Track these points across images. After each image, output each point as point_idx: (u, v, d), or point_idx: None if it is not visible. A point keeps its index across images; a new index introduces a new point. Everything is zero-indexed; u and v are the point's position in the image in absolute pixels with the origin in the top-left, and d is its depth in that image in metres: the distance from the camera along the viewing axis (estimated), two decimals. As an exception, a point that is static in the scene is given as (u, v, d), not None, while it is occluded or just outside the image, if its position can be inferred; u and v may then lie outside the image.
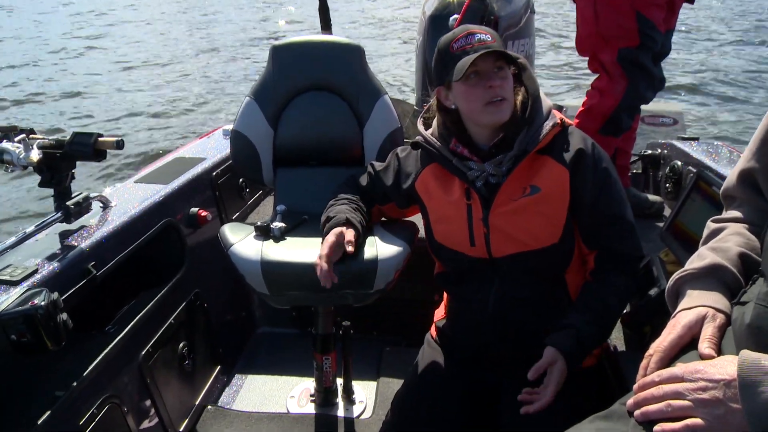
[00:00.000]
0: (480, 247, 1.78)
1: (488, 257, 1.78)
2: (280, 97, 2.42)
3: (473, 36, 1.68)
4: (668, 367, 1.10)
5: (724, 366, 0.98)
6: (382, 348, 2.84)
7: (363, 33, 16.02)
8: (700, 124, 8.30)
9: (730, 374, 0.95)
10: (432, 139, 1.83)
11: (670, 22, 2.77)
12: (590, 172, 1.72)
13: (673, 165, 3.01)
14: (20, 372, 1.66)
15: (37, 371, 1.72)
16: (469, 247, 1.79)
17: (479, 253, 1.79)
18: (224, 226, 2.16)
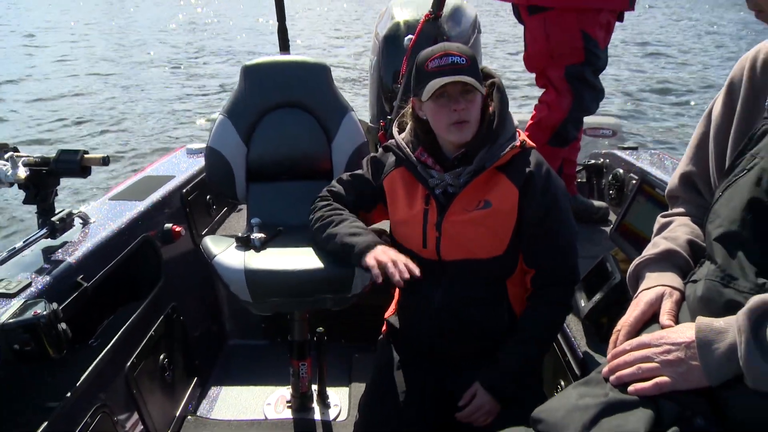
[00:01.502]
0: (431, 249, 1.90)
1: (438, 259, 1.90)
2: (252, 114, 2.52)
3: (448, 57, 1.78)
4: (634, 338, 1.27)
5: (684, 331, 1.15)
6: (351, 354, 2.95)
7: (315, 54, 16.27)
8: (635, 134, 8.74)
9: (689, 337, 1.12)
10: (402, 145, 1.94)
11: (607, 38, 3.00)
12: (538, 196, 1.84)
13: (616, 173, 3.22)
14: (13, 384, 1.70)
15: (28, 383, 1.76)
16: (422, 248, 1.91)
17: (430, 255, 1.91)
18: (206, 238, 2.25)
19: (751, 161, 1.20)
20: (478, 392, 1.86)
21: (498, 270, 1.91)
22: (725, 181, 1.26)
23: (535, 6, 2.86)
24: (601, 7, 2.80)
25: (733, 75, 1.37)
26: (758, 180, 1.16)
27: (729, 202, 1.22)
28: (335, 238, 1.93)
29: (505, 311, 1.94)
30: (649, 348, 1.18)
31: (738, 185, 1.21)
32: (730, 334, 1.07)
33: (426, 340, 1.99)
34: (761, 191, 1.15)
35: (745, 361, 1.03)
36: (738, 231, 1.18)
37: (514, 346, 1.88)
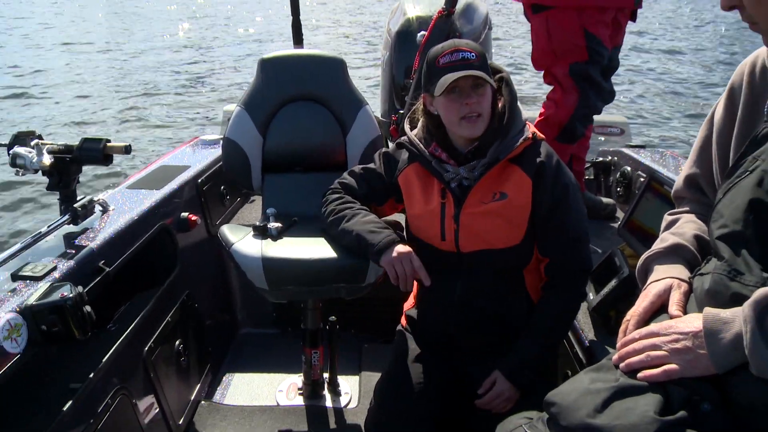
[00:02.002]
0: (450, 242, 1.95)
1: (456, 251, 1.95)
2: (269, 106, 2.57)
3: (458, 53, 1.83)
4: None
5: (691, 321, 1.20)
6: (361, 345, 3.00)
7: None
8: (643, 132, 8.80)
9: (696, 327, 1.17)
10: (415, 141, 1.99)
11: (617, 39, 3.03)
12: (550, 186, 1.90)
13: (624, 170, 3.26)
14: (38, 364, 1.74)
15: (52, 364, 1.81)
16: (440, 241, 1.96)
17: (449, 247, 1.96)
18: (222, 227, 2.30)
19: (752, 163, 1.26)
20: (498, 380, 1.93)
21: (515, 260, 1.97)
22: (728, 182, 1.31)
23: (537, 5, 2.90)
24: (605, 6, 2.83)
25: (733, 80, 1.42)
26: (760, 181, 1.22)
27: (732, 202, 1.27)
28: (351, 234, 1.98)
29: (524, 301, 2.01)
30: (657, 337, 1.23)
31: (740, 186, 1.26)
32: (736, 324, 1.12)
33: (446, 332, 2.05)
34: (762, 192, 1.20)
35: (750, 349, 1.08)
36: (741, 230, 1.23)
37: (531, 334, 1.95)
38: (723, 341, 1.13)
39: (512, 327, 2.00)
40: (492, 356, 1.99)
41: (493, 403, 1.92)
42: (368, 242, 1.93)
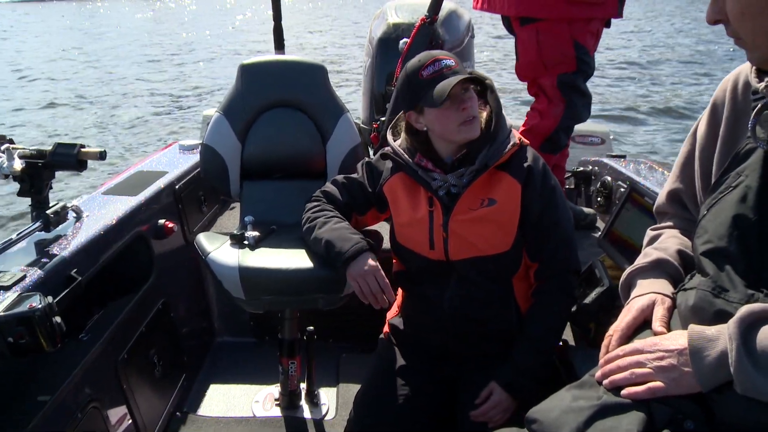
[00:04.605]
0: (439, 250, 1.93)
1: (446, 260, 1.94)
2: (248, 112, 2.53)
3: (439, 62, 1.82)
4: (626, 344, 1.30)
5: (676, 338, 1.18)
6: (339, 354, 2.97)
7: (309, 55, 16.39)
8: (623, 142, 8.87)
9: (681, 344, 1.15)
10: (400, 151, 1.97)
11: (596, 46, 3.05)
12: (538, 189, 1.90)
13: (604, 180, 3.26)
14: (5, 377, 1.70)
15: (20, 376, 1.76)
16: (429, 250, 1.94)
17: (438, 256, 1.94)
18: (199, 235, 2.26)
19: (736, 179, 1.25)
20: (495, 390, 1.90)
21: (505, 266, 1.96)
22: (711, 198, 1.30)
23: (526, 17, 2.89)
24: (592, 17, 2.84)
25: (716, 96, 1.41)
26: (743, 197, 1.21)
27: (716, 218, 1.26)
28: (321, 241, 1.96)
29: (513, 311, 1.99)
30: (642, 354, 1.21)
31: (724, 202, 1.25)
32: (721, 341, 1.10)
33: (434, 342, 2.03)
34: (746, 208, 1.20)
35: (735, 368, 1.06)
36: (725, 246, 1.22)
37: (526, 342, 1.93)
38: (708, 359, 1.11)
39: (501, 336, 1.98)
40: (482, 366, 1.97)
41: (489, 414, 1.88)
42: (336, 250, 1.91)
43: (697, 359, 1.12)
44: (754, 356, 1.05)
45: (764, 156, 1.21)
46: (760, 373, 1.04)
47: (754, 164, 1.22)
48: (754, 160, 1.23)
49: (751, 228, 1.19)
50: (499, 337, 1.99)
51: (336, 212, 2.07)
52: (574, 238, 1.98)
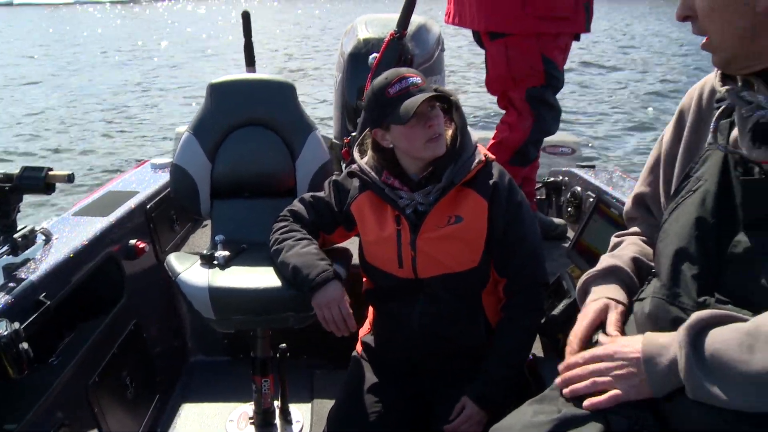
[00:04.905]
0: (407, 268, 1.95)
1: (414, 277, 1.96)
2: (218, 132, 2.54)
3: (406, 80, 1.85)
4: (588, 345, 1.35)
5: (635, 345, 1.21)
6: (313, 371, 2.97)
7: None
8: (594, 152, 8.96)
9: (638, 351, 1.18)
10: (367, 169, 1.99)
11: (565, 60, 3.10)
12: (504, 204, 1.93)
13: (574, 190, 3.30)
14: None
15: None
16: (398, 268, 1.97)
17: (406, 274, 1.96)
18: (170, 255, 2.26)
19: (696, 183, 1.28)
20: (467, 404, 1.91)
21: (473, 282, 1.98)
22: (674, 201, 1.33)
23: (495, 32, 2.93)
24: (560, 32, 2.89)
25: (682, 104, 1.45)
26: (702, 201, 1.24)
27: (677, 221, 1.29)
28: (289, 267, 1.98)
29: (482, 326, 2.01)
30: (602, 362, 1.24)
31: (685, 205, 1.28)
32: (673, 348, 1.13)
33: (405, 359, 2.05)
34: (705, 211, 1.23)
35: (685, 373, 1.09)
36: (686, 248, 1.25)
37: (496, 356, 1.95)
38: (660, 366, 1.14)
39: (472, 351, 2.00)
40: (453, 382, 1.99)
41: (462, 428, 1.90)
42: (303, 277, 1.93)
43: (650, 366, 1.15)
44: (702, 362, 1.08)
45: (723, 160, 1.24)
46: (709, 378, 1.06)
47: (713, 168, 1.25)
48: (713, 164, 1.26)
49: (709, 231, 1.22)
50: (469, 353, 2.01)
51: (304, 232, 2.08)
52: (542, 252, 2.01)
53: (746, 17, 1.14)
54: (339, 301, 1.90)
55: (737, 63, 1.22)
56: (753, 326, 1.06)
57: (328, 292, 1.91)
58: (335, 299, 1.90)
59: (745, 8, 1.14)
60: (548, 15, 2.83)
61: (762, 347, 1.03)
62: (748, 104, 1.20)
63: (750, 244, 1.16)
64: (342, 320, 1.91)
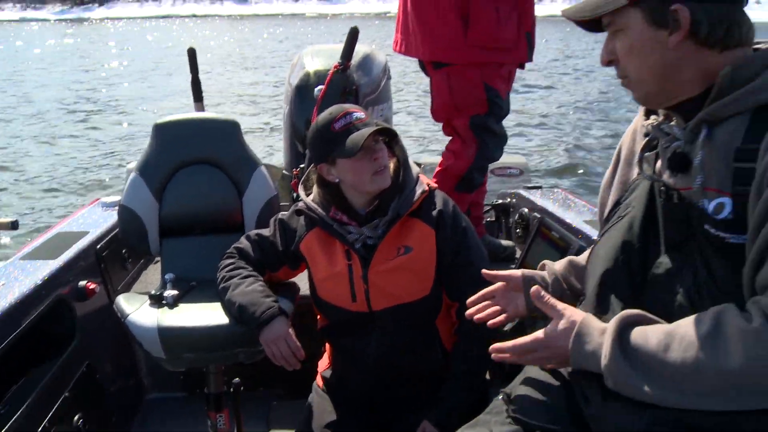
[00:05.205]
0: (361, 302, 1.99)
1: (368, 310, 2.00)
2: (164, 171, 2.56)
3: (350, 115, 1.90)
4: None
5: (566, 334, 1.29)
6: (270, 402, 2.99)
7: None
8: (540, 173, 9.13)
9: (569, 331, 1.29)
10: (314, 206, 2.03)
11: (508, 86, 3.18)
12: (450, 232, 1.99)
13: (521, 212, 3.37)
14: None
15: None
16: (351, 303, 2.00)
17: (360, 308, 2.00)
18: (119, 297, 2.27)
19: (625, 210, 1.39)
20: (427, 429, 1.95)
21: (426, 310, 2.02)
22: (605, 227, 1.44)
23: (439, 62, 3.01)
24: (502, 62, 2.97)
25: (621, 140, 1.55)
26: (630, 226, 1.35)
27: (605, 244, 1.39)
28: (235, 305, 2.01)
29: (439, 351, 2.05)
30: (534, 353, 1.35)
31: (614, 229, 1.39)
32: (602, 335, 1.23)
33: (364, 391, 2.08)
34: (632, 235, 1.33)
35: (607, 359, 1.18)
36: (611, 269, 1.35)
37: (454, 380, 1.99)
38: (587, 346, 1.24)
39: (430, 377, 2.04)
40: (412, 408, 2.02)
41: None
42: (249, 315, 1.96)
43: (578, 342, 1.25)
44: (625, 352, 1.17)
45: (650, 188, 1.34)
46: (628, 368, 1.16)
47: (640, 196, 1.36)
48: (641, 192, 1.37)
49: (635, 253, 1.32)
50: (427, 379, 2.05)
51: (249, 269, 2.11)
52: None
53: (660, 55, 1.24)
54: (285, 336, 1.94)
55: (655, 98, 1.32)
56: (672, 327, 1.16)
57: (274, 329, 1.94)
58: (281, 335, 1.94)
59: (658, 46, 1.24)
60: (490, 45, 2.89)
61: (676, 347, 1.12)
62: (667, 136, 1.30)
63: (671, 265, 1.26)
64: (291, 354, 1.94)
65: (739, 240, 1.16)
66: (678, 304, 1.22)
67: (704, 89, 1.25)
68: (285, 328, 1.95)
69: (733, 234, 1.17)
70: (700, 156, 1.21)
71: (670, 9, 1.20)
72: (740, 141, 1.18)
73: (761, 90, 1.17)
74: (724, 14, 1.20)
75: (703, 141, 1.22)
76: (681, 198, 1.26)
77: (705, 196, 1.21)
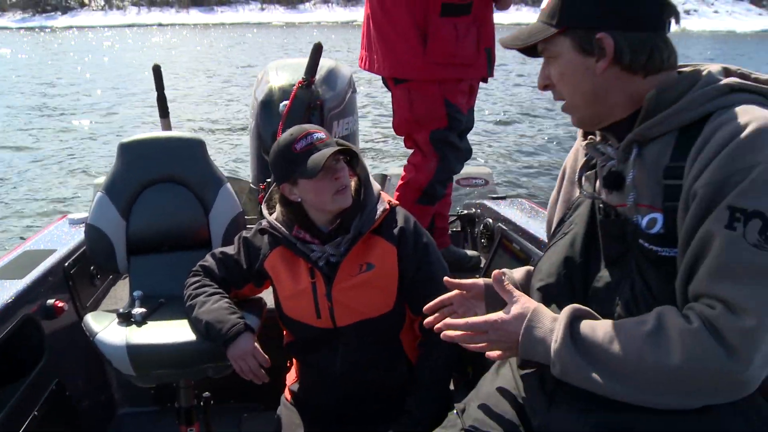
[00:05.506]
0: (325, 319, 2.04)
1: (333, 327, 2.04)
2: (130, 190, 2.59)
3: (311, 136, 1.94)
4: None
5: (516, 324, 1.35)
6: (240, 415, 3.02)
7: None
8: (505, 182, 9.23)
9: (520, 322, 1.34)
10: (277, 225, 2.07)
11: (471, 101, 3.24)
12: (411, 247, 2.04)
13: (486, 222, 3.44)
14: None
15: None
16: (316, 320, 2.05)
17: (325, 324, 2.05)
18: (87, 315, 2.29)
19: (568, 227, 1.46)
20: None
21: (390, 324, 2.07)
22: (550, 243, 1.51)
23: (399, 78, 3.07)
24: (462, 77, 3.03)
25: (566, 159, 1.63)
26: (572, 242, 1.41)
27: (549, 259, 1.46)
28: (202, 323, 2.04)
29: (404, 364, 2.10)
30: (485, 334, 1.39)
31: (557, 246, 1.46)
32: (552, 324, 1.29)
33: (331, 405, 2.12)
34: (574, 251, 1.40)
35: (558, 345, 1.25)
36: (554, 284, 1.42)
37: (418, 391, 2.03)
38: (539, 331, 1.30)
39: (395, 389, 2.09)
40: (379, 421, 2.06)
41: None
42: (216, 332, 2.00)
43: (529, 328, 1.31)
44: (574, 342, 1.24)
45: (591, 206, 1.41)
46: (575, 356, 1.23)
47: (582, 214, 1.43)
48: (583, 210, 1.44)
49: (576, 269, 1.39)
50: (393, 392, 2.10)
51: (215, 287, 2.15)
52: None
53: (590, 80, 1.32)
54: (252, 351, 1.98)
55: (589, 121, 1.40)
56: (619, 322, 1.24)
57: (241, 345, 1.98)
58: (248, 350, 1.98)
59: (588, 73, 1.32)
60: (449, 62, 2.95)
61: (621, 340, 1.20)
62: (603, 155, 1.38)
63: (610, 279, 1.33)
64: (258, 369, 1.99)
65: (671, 253, 1.24)
66: (617, 315, 1.29)
67: (633, 111, 1.33)
68: (251, 344, 1.99)
69: (665, 248, 1.25)
70: (632, 174, 1.30)
71: (596, 37, 1.28)
72: (668, 159, 1.26)
73: (684, 111, 1.26)
74: (646, 41, 1.28)
75: (634, 160, 1.30)
76: (617, 214, 1.34)
77: (638, 212, 1.29)
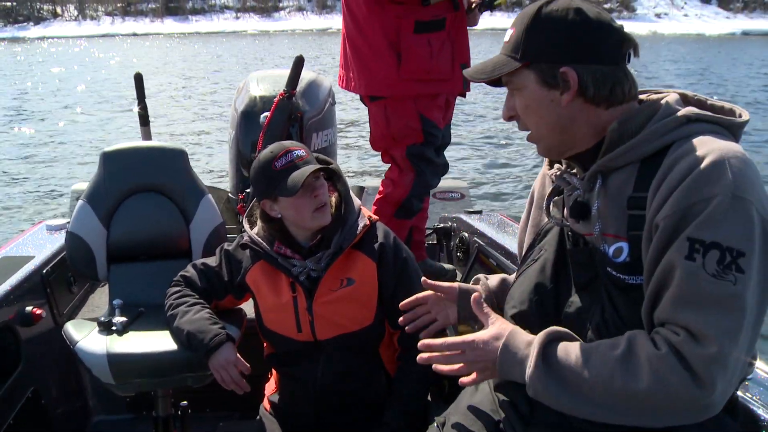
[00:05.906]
0: (306, 332, 2.07)
1: (314, 340, 2.08)
2: (111, 199, 2.60)
3: (291, 153, 1.97)
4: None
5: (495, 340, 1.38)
6: (217, 424, 3.02)
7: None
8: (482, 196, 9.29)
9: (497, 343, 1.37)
10: (258, 240, 2.10)
11: (447, 116, 3.28)
12: (391, 263, 2.08)
13: (462, 236, 3.49)
14: None
15: None
16: (297, 333, 2.08)
17: (306, 337, 2.08)
18: (67, 324, 2.30)
19: (538, 253, 1.50)
20: None
21: (370, 338, 2.10)
22: (520, 269, 1.55)
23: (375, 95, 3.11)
24: (437, 93, 3.08)
25: (534, 183, 1.67)
26: (543, 268, 1.46)
27: (520, 286, 1.50)
28: (183, 333, 2.07)
29: (383, 377, 2.14)
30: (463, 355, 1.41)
31: (528, 272, 1.50)
32: (528, 347, 1.32)
33: (309, 416, 2.14)
34: (545, 277, 1.44)
35: (531, 369, 1.28)
36: (526, 310, 1.46)
37: (395, 404, 2.07)
38: (516, 355, 1.33)
39: (374, 402, 2.12)
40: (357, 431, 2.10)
41: None
42: (198, 342, 2.03)
43: (505, 351, 1.34)
44: (548, 364, 1.27)
45: (560, 232, 1.46)
46: (549, 379, 1.26)
47: (551, 240, 1.48)
48: (552, 237, 1.48)
49: (548, 295, 1.43)
50: (372, 404, 2.13)
51: (196, 297, 2.17)
52: None
53: (555, 112, 1.37)
54: (234, 362, 2.01)
55: (555, 150, 1.45)
56: (593, 345, 1.28)
57: (222, 355, 2.01)
58: (230, 361, 2.00)
59: (553, 105, 1.36)
60: (424, 78, 2.99)
61: (594, 363, 1.24)
62: (569, 185, 1.43)
63: (581, 304, 1.38)
64: (240, 378, 2.01)
65: (637, 281, 1.29)
66: (589, 339, 1.33)
67: (597, 142, 1.37)
68: (233, 354, 2.02)
69: (632, 275, 1.29)
70: (597, 205, 1.34)
71: (560, 71, 1.33)
72: (631, 189, 1.31)
73: (645, 143, 1.31)
74: (608, 75, 1.33)
75: (598, 190, 1.34)
76: (585, 243, 1.39)
77: (605, 242, 1.33)
